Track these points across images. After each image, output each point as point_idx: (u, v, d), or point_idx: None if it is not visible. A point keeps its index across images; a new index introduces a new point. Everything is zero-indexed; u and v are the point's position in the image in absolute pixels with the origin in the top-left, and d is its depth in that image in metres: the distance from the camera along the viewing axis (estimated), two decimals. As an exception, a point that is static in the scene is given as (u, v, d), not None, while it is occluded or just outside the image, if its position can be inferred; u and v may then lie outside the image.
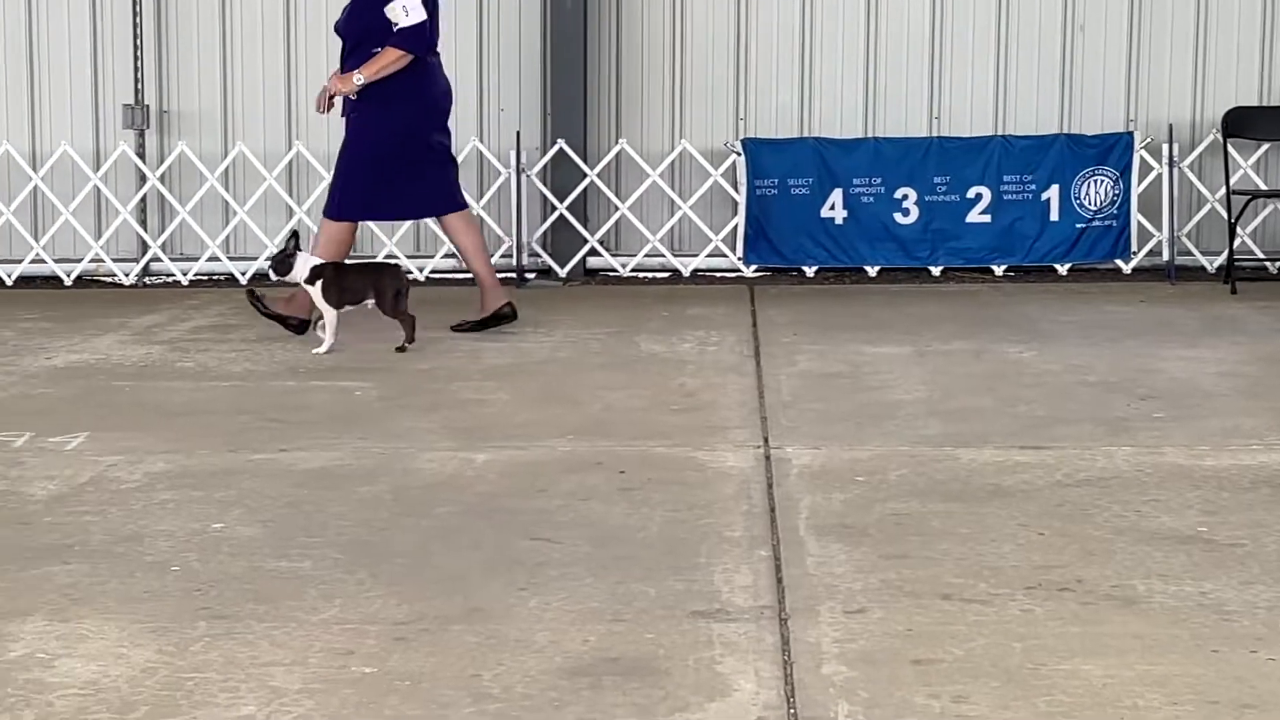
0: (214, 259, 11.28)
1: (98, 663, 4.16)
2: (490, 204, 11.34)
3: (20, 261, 11.15)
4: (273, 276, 8.69)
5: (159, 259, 11.30)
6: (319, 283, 8.43)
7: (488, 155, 11.36)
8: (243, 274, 11.14)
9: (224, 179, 11.29)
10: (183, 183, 11.32)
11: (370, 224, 10.80)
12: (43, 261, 11.21)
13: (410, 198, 8.94)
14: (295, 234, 8.64)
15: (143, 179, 11.31)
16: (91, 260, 11.28)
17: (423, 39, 8.61)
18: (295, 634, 4.36)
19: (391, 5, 8.55)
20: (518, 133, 11.26)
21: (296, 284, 8.58)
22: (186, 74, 11.39)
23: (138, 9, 11.24)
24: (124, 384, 7.80)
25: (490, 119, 11.48)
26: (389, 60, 8.58)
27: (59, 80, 11.37)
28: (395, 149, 8.74)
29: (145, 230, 11.33)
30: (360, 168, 8.76)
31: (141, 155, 11.32)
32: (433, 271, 11.20)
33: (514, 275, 11.15)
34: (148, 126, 11.34)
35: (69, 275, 11.20)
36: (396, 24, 8.56)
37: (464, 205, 9.09)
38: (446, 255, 10.93)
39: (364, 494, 5.79)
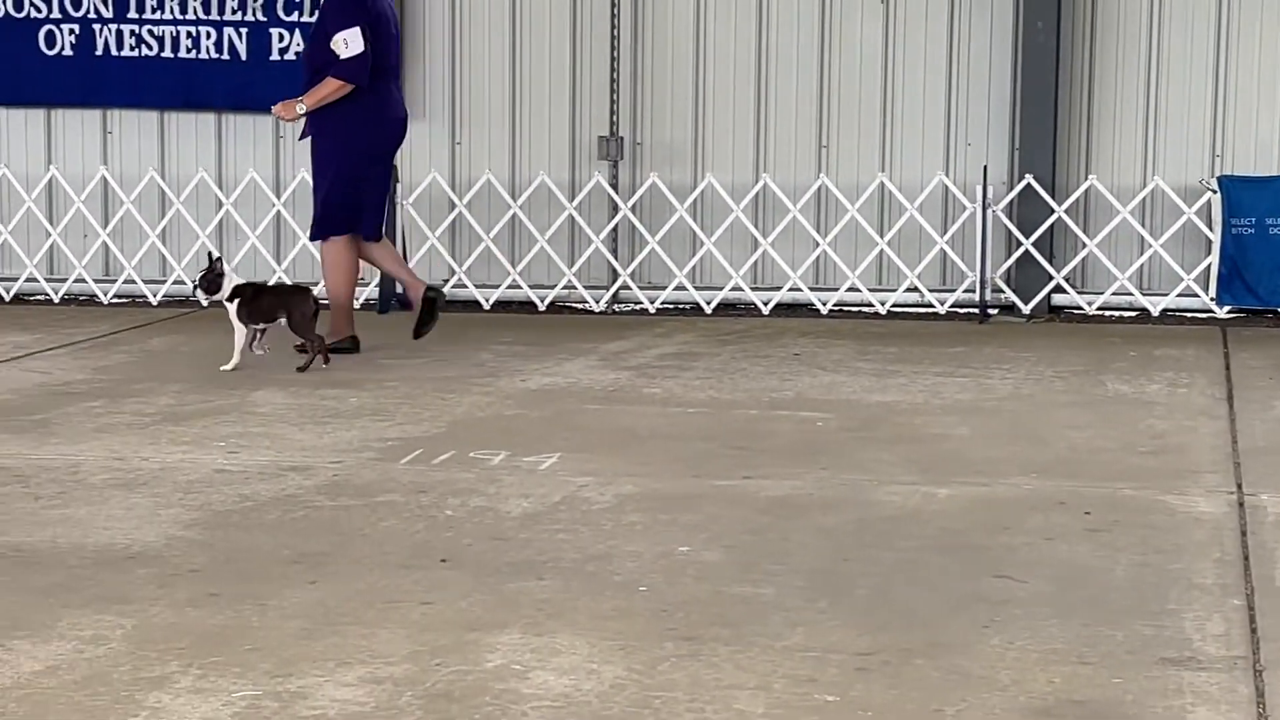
0: (680, 288, 11.51)
1: (570, 677, 4.29)
2: (954, 239, 11.28)
3: (498, 287, 11.58)
4: (200, 296, 9.31)
5: (628, 287, 11.59)
6: (237, 301, 8.88)
7: (953, 190, 11.31)
8: (708, 303, 11.34)
9: (693, 210, 11.52)
10: (653, 213, 11.60)
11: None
12: (518, 287, 11.61)
13: (377, 214, 9.54)
14: (219, 256, 9.22)
15: (615, 209, 11.62)
16: (564, 287, 11.64)
17: (362, 70, 9.12)
18: (759, 659, 4.42)
19: (335, 39, 9.10)
20: (985, 167, 11.18)
21: (220, 303, 9.05)
22: (660, 108, 11.67)
23: (616, 46, 11.57)
24: (593, 408, 8.03)
25: (956, 153, 11.43)
26: (329, 90, 9.17)
27: (539, 113, 11.78)
28: (365, 169, 9.34)
29: (615, 259, 11.64)
30: (339, 187, 9.31)
31: (614, 186, 11.63)
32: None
33: (976, 310, 11.07)
34: (621, 158, 11.66)
35: (542, 301, 11.58)
36: (338, 55, 9.09)
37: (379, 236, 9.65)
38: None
39: (826, 524, 5.83)
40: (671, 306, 11.57)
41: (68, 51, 11.87)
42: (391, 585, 5.07)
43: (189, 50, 11.79)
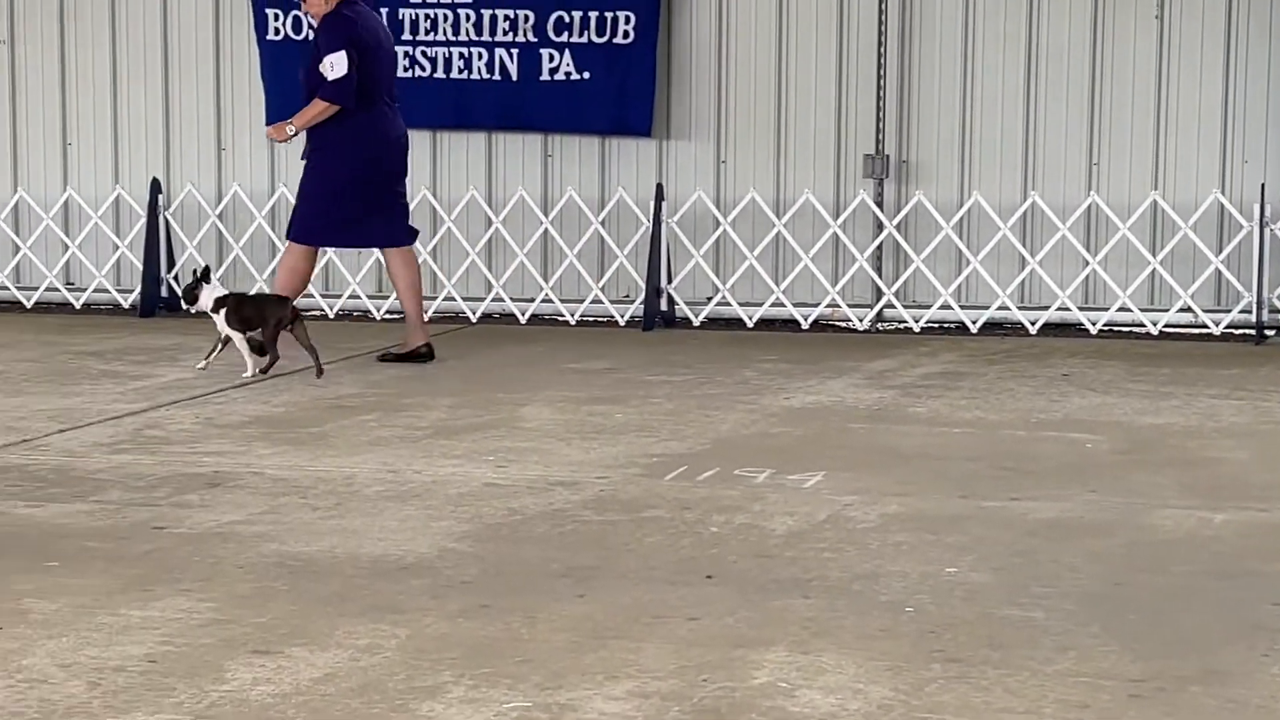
0: (946, 307, 11.42)
1: (836, 696, 4.28)
2: (1229, 258, 11.02)
3: (761, 305, 11.59)
4: (185, 305, 9.68)
5: (892, 305, 11.52)
6: (222, 311, 9.28)
7: (1229, 208, 11.05)
8: (973, 322, 11.23)
9: (958, 228, 11.42)
10: (918, 231, 11.52)
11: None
12: (782, 305, 11.62)
13: (358, 230, 9.87)
14: (207, 268, 9.72)
15: (879, 227, 11.57)
16: (828, 305, 11.62)
17: (346, 92, 9.48)
18: (1029, 683, 4.36)
19: (323, 62, 9.49)
20: (1262, 185, 10.91)
21: (204, 312, 9.44)
22: (926, 125, 11.59)
23: (882, 64, 11.52)
24: (858, 426, 8.00)
25: (1233, 170, 11.18)
26: (315, 111, 9.57)
27: (804, 131, 11.78)
28: (346, 186, 9.65)
29: (880, 277, 11.58)
30: (318, 201, 9.70)
31: (879, 204, 11.58)
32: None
33: (1252, 331, 10.80)
34: (886, 176, 11.60)
35: (806, 319, 11.56)
36: (326, 78, 9.47)
37: (407, 243, 9.94)
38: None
39: (1096, 547, 5.73)
40: (936, 325, 11.48)
41: None
42: (658, 600, 5.11)
43: (460, 71, 12.01)
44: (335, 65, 9.50)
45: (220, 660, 4.52)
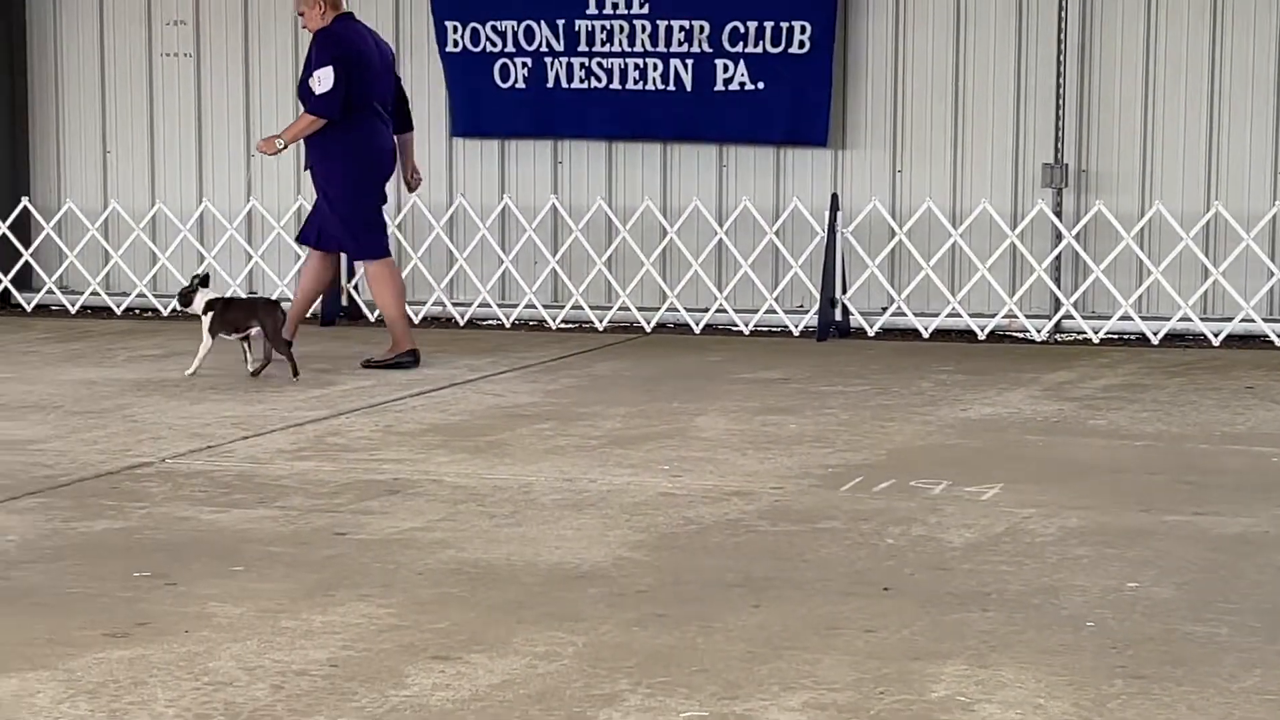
0: (1126, 318, 11.25)
1: (1016, 711, 4.24)
2: None
3: (937, 315, 11.51)
4: (179, 307, 10.01)
5: (1070, 316, 11.38)
6: (210, 314, 9.58)
7: None
8: (1154, 334, 11.06)
9: (1139, 238, 11.25)
10: (1097, 241, 11.37)
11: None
12: (958, 315, 11.52)
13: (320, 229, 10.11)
14: (206, 275, 10.07)
15: (1058, 237, 11.43)
16: (1005, 316, 11.50)
17: (332, 105, 9.72)
18: (1214, 700, 4.29)
19: (313, 76, 9.75)
20: None
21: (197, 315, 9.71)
22: (1106, 133, 11.44)
23: (1061, 70, 11.39)
24: (1036, 438, 7.91)
25: None
26: (303, 125, 9.90)
27: (982, 140, 11.68)
28: (355, 193, 9.91)
29: (1059, 287, 11.44)
30: (355, 210, 9.91)
31: (1058, 213, 11.44)
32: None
33: None
34: (1066, 185, 11.47)
35: (982, 330, 11.46)
36: (314, 92, 9.75)
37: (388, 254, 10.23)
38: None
39: (1283, 563, 5.62)
40: (1116, 337, 11.33)
41: (520, 85, 12.27)
42: (834, 612, 5.09)
43: (635, 82, 12.06)
44: (323, 80, 9.75)
45: (400, 665, 4.58)
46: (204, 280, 9.90)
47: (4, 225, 12.80)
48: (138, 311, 12.88)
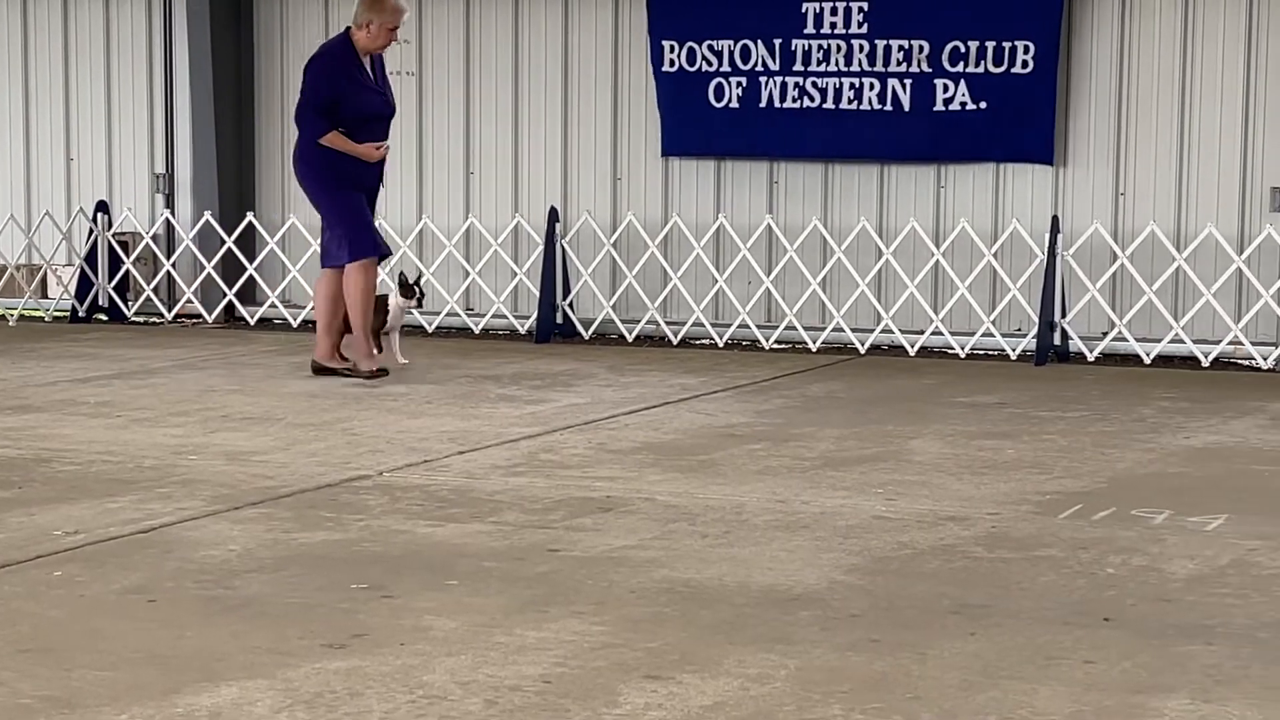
0: (1356, 346, 10.95)
1: (1242, 748, 4.12)
2: None
3: (1159, 341, 11.28)
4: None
5: (1299, 343, 11.10)
6: None
7: None
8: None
9: (1371, 264, 10.95)
10: (1327, 266, 11.09)
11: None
12: (1182, 341, 11.28)
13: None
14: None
15: (1286, 262, 11.16)
16: (1230, 342, 11.24)
17: (303, 118, 10.17)
18: None
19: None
20: None
21: None
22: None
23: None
24: (1264, 468, 7.70)
25: None
26: (331, 142, 10.22)
27: (1208, 162, 11.44)
28: (343, 189, 10.22)
29: (1287, 314, 11.17)
30: (348, 215, 10.18)
31: (1287, 238, 11.17)
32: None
33: None
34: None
35: (1206, 356, 11.21)
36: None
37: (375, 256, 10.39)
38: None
39: None
40: (1346, 365, 11.02)
41: (734, 104, 12.27)
42: (1052, 641, 4.99)
43: (850, 102, 11.99)
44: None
45: (613, 684, 4.57)
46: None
47: (230, 240, 13.08)
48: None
